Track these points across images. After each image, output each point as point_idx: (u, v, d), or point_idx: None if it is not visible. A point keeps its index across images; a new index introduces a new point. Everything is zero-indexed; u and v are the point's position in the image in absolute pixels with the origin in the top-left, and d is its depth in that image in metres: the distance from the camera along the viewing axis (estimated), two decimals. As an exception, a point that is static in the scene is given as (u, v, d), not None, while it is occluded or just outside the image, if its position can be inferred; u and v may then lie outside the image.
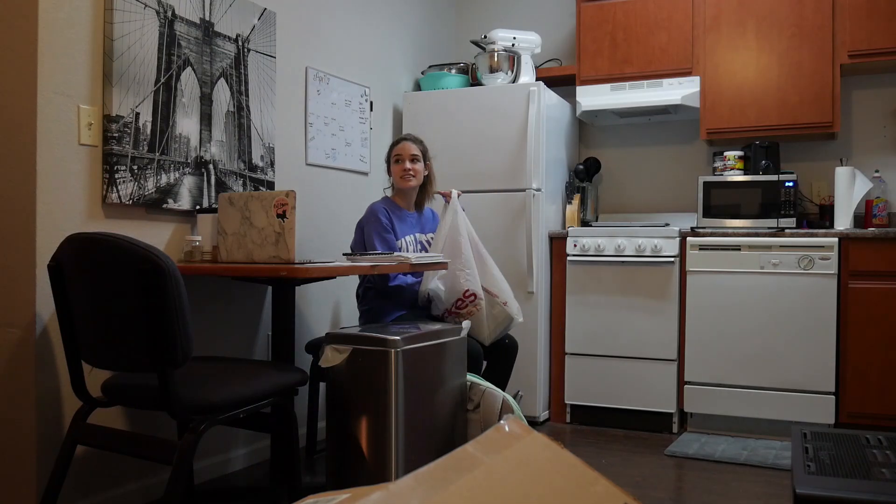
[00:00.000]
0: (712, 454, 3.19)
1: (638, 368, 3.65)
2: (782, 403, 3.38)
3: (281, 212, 2.39)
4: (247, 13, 2.99)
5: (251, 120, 3.02)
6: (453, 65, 4.22)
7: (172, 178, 2.65)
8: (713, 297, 3.52)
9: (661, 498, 2.68)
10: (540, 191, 3.75)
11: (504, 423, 1.23)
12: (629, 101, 3.89)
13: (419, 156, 3.12)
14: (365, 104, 3.77)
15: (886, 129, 3.75)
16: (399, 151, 3.12)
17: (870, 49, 3.48)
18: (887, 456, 1.71)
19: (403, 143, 3.13)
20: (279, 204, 2.39)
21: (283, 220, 2.38)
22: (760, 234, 3.45)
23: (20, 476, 2.25)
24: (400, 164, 3.11)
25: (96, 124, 2.40)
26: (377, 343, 2.35)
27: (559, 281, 3.85)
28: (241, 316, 3.01)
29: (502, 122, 3.81)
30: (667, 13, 3.87)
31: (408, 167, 3.09)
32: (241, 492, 2.78)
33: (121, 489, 2.50)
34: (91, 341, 2.03)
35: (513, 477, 1.08)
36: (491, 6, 4.65)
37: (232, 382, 2.07)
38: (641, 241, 3.64)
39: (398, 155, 3.12)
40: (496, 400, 2.67)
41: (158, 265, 1.84)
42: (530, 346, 3.73)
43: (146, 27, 2.55)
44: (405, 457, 2.36)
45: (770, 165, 3.66)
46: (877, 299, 3.25)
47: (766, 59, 3.68)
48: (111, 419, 2.44)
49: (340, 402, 2.41)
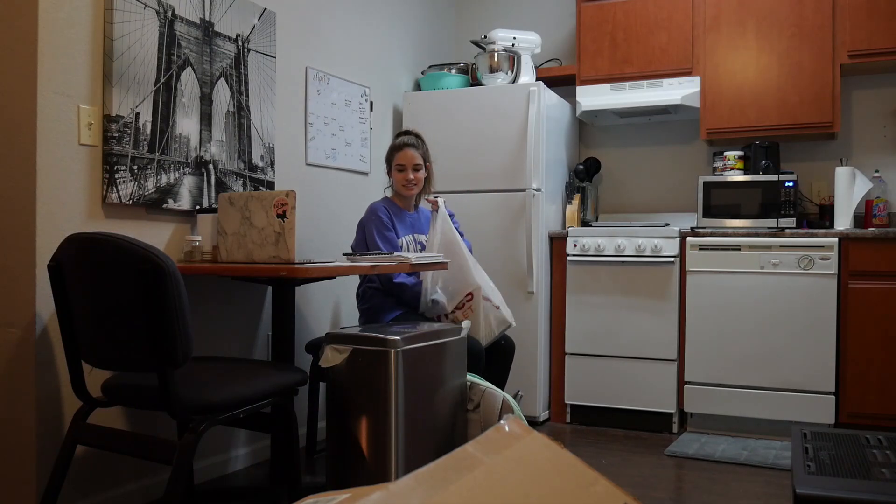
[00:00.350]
0: (712, 454, 3.19)
1: (638, 368, 3.65)
2: (782, 403, 3.38)
3: (281, 212, 2.39)
4: (247, 13, 2.99)
5: (251, 120, 3.02)
6: (453, 65, 4.23)
7: (172, 178, 2.65)
8: (713, 297, 3.52)
9: (661, 498, 2.68)
10: (540, 191, 3.75)
11: (504, 423, 1.23)
12: (629, 101, 3.89)
13: (421, 164, 3.11)
14: (365, 104, 3.77)
15: (886, 129, 3.75)
16: (402, 161, 3.10)
17: (870, 49, 3.48)
18: (887, 456, 1.71)
19: (406, 151, 3.10)
20: (279, 204, 2.39)
21: (283, 220, 2.38)
22: (760, 234, 3.45)
23: (20, 476, 2.25)
24: (403, 174, 3.09)
25: (96, 124, 2.40)
26: (377, 343, 2.35)
27: (559, 281, 3.85)
28: (241, 316, 3.01)
29: (502, 122, 3.81)
30: (667, 13, 3.87)
31: (410, 178, 3.09)
32: (241, 492, 2.78)
33: (121, 489, 2.50)
34: (91, 341, 2.03)
35: (513, 477, 1.08)
36: (491, 6, 4.65)
37: (232, 382, 2.07)
38: (641, 241, 3.64)
39: (401, 164, 3.10)
40: (496, 400, 2.67)
41: (158, 265, 1.84)
42: (530, 346, 3.73)
43: (146, 27, 2.55)
44: (405, 457, 2.36)
45: (770, 165, 3.66)
46: (877, 299, 3.25)
47: (766, 59, 3.68)
48: (111, 419, 2.44)
49: (340, 402, 2.41)
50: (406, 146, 3.11)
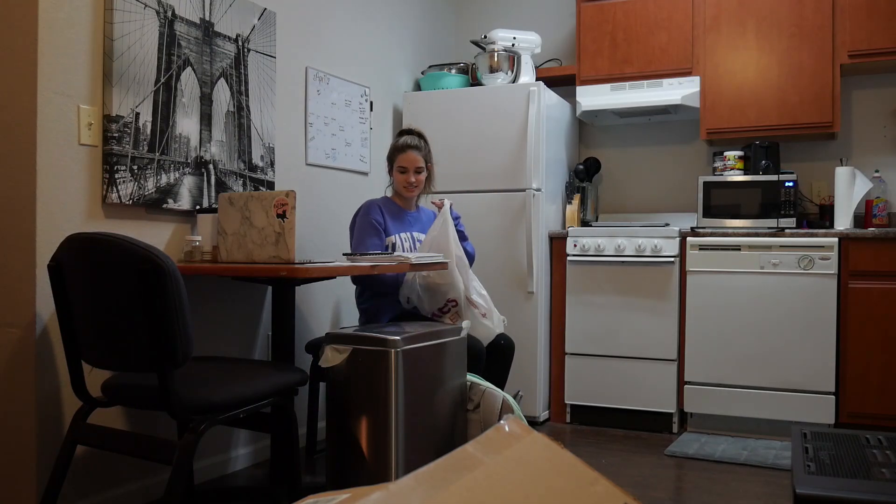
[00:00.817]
0: (712, 454, 3.19)
1: (638, 368, 3.65)
2: (782, 403, 3.38)
3: (281, 212, 2.39)
4: (247, 13, 2.99)
5: (251, 120, 3.02)
6: (453, 65, 4.22)
7: (172, 178, 2.65)
8: (713, 297, 3.52)
9: (661, 498, 2.68)
10: (540, 191, 3.75)
11: (504, 423, 1.23)
12: (629, 101, 3.89)
13: (423, 166, 3.10)
14: (365, 104, 3.77)
15: (886, 129, 3.75)
16: (404, 163, 3.07)
17: (870, 49, 3.48)
18: (887, 456, 1.71)
19: (408, 154, 3.06)
20: (279, 204, 2.39)
21: (283, 220, 2.38)
22: (760, 234, 3.45)
23: (20, 476, 2.25)
24: (405, 176, 3.07)
25: (96, 124, 2.40)
26: (377, 343, 2.35)
27: (559, 281, 3.85)
28: (241, 316, 3.01)
29: (502, 122, 3.81)
30: (667, 13, 3.87)
31: (412, 181, 3.07)
32: (241, 492, 2.78)
33: (121, 489, 2.50)
34: (91, 341, 2.03)
35: (513, 477, 1.08)
36: (491, 6, 4.65)
37: (232, 382, 2.07)
38: (641, 241, 3.64)
39: (403, 167, 3.07)
40: (496, 400, 2.67)
41: (158, 265, 1.84)
42: (530, 346, 3.73)
43: (146, 27, 2.55)
44: (405, 457, 2.36)
45: (770, 165, 3.66)
46: (877, 299, 3.25)
47: (766, 59, 3.68)
48: (111, 419, 2.44)
49: (340, 402, 2.41)
50: (409, 148, 3.08)
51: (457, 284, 2.92)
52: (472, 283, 3.00)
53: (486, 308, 2.99)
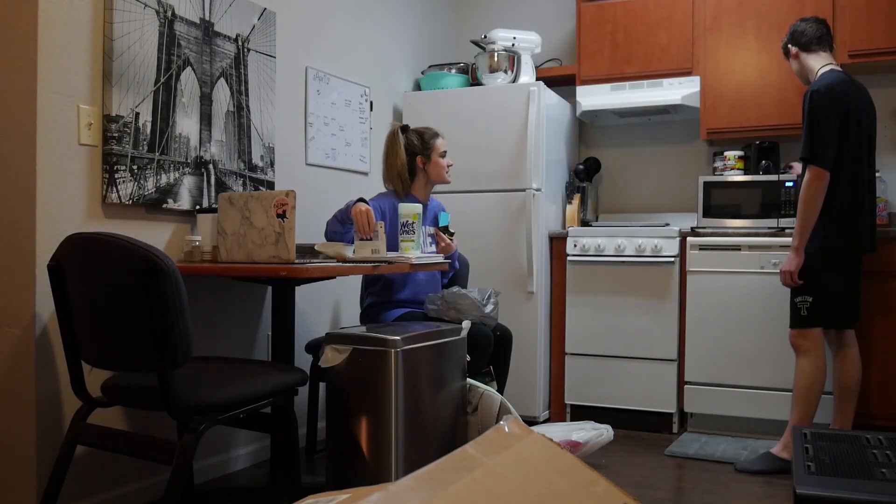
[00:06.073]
0: (712, 454, 3.19)
1: (638, 368, 3.65)
2: (782, 403, 3.38)
3: (281, 212, 2.39)
4: (247, 13, 2.99)
5: (251, 120, 3.02)
6: (453, 65, 4.22)
7: (172, 178, 2.64)
8: (713, 297, 3.51)
9: (661, 498, 2.68)
10: (540, 191, 3.75)
11: (504, 423, 1.23)
12: (629, 101, 3.88)
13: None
14: (365, 104, 3.77)
15: (886, 129, 3.75)
16: (445, 147, 3.12)
17: (870, 49, 3.48)
18: (887, 456, 1.71)
19: (443, 139, 3.13)
20: (279, 204, 2.39)
21: (283, 220, 2.38)
22: (760, 234, 3.44)
23: (20, 476, 2.25)
24: (447, 160, 3.12)
25: (96, 124, 2.40)
26: (377, 343, 2.35)
27: (559, 281, 3.85)
28: (241, 316, 3.01)
29: (502, 122, 3.80)
30: (667, 13, 3.87)
31: (452, 163, 3.15)
32: (241, 492, 2.78)
33: (121, 489, 2.50)
34: (91, 341, 2.03)
35: (513, 477, 1.08)
36: (491, 6, 4.64)
37: (232, 382, 2.07)
38: (641, 241, 3.64)
39: (444, 151, 3.12)
40: (494, 402, 2.67)
41: (158, 265, 1.84)
42: (530, 345, 3.73)
43: (146, 27, 2.55)
44: (405, 457, 2.36)
45: (770, 165, 3.66)
46: (877, 299, 3.24)
47: (766, 59, 3.68)
48: (111, 419, 2.44)
49: (340, 402, 2.41)
50: (438, 134, 3.14)
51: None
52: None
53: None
